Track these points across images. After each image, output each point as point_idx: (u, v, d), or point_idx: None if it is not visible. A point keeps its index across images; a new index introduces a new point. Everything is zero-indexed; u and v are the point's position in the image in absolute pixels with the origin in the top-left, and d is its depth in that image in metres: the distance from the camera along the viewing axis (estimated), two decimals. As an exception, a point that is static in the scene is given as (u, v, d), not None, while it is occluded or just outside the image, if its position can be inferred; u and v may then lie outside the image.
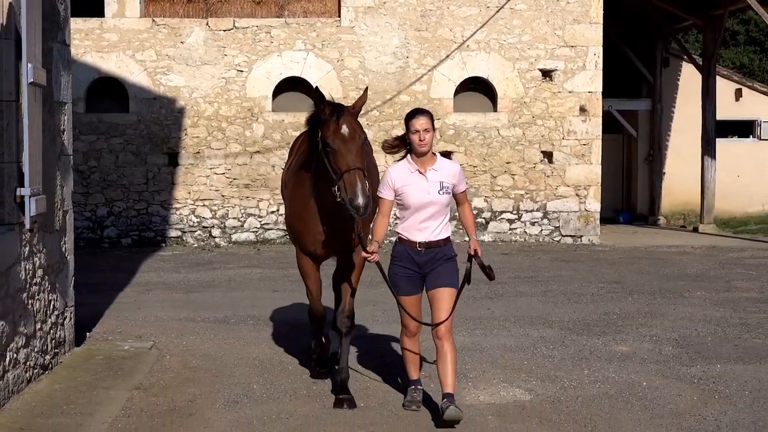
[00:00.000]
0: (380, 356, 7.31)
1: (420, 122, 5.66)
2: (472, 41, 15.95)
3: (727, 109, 24.08)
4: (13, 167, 6.06)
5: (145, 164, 15.90)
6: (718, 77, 23.73)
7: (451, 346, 5.62)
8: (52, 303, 6.93)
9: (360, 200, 5.48)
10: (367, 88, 6.39)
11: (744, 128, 24.32)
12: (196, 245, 15.86)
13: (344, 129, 5.69)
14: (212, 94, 15.90)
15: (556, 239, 16.20)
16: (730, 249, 15.45)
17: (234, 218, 16.02)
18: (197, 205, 16.02)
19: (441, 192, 5.66)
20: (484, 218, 16.11)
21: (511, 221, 16.14)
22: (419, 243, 5.69)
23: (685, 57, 22.73)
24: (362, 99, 6.09)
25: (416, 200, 5.66)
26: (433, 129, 5.78)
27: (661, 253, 14.63)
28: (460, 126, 16.08)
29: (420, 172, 5.68)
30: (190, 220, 16.01)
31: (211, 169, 15.99)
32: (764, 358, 7.27)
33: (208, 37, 15.85)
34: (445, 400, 5.46)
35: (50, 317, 6.88)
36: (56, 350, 7.03)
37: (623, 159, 24.88)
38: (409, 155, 5.76)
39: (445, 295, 5.67)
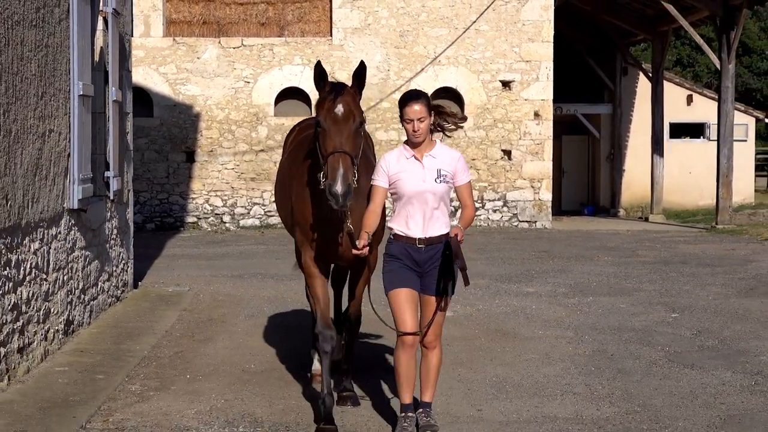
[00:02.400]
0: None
1: (414, 109, 5.09)
2: (443, 57, 18.86)
3: (680, 112, 26.96)
4: (102, 157, 8.98)
5: (167, 161, 18.81)
6: (672, 84, 26.73)
7: (438, 352, 5.23)
8: (120, 254, 9.85)
9: (338, 187, 4.88)
10: (362, 62, 5.43)
11: (695, 130, 27.05)
12: (209, 229, 18.77)
13: (339, 108, 5.11)
14: (223, 102, 18.82)
15: (514, 224, 19.10)
16: (658, 232, 18.39)
17: (242, 206, 18.92)
18: (210, 196, 18.92)
19: (438, 180, 5.10)
20: (453, 206, 18.98)
21: (476, 209, 19.05)
22: (419, 239, 5.11)
23: (642, 66, 25.63)
24: (358, 75, 5.30)
25: (411, 189, 5.10)
26: (430, 114, 5.18)
27: (596, 234, 17.58)
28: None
29: (416, 158, 5.15)
30: (205, 208, 18.92)
31: (222, 165, 18.88)
32: (626, 293, 10.20)
33: (220, 54, 18.77)
34: (421, 411, 5.18)
35: (120, 264, 9.80)
36: (123, 288, 9.95)
37: (588, 158, 27.80)
38: (404, 142, 5.28)
39: (439, 303, 5.18)
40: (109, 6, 8.96)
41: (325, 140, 5.10)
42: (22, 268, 6.50)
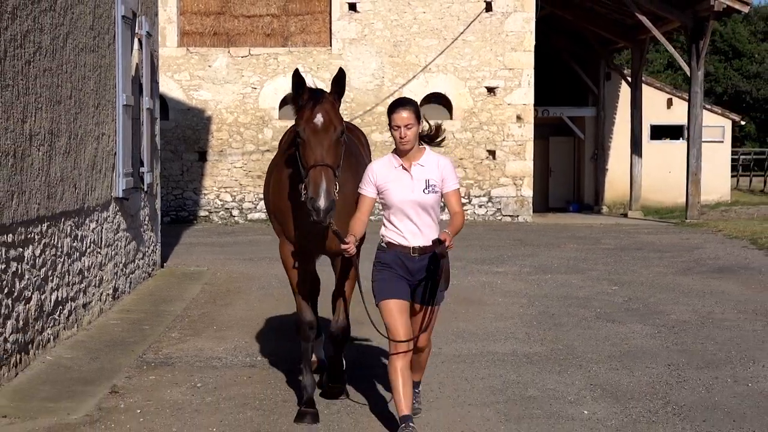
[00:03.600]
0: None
1: (402, 116, 5.05)
2: (433, 65, 20.63)
3: (660, 115, 28.68)
4: (138, 156, 10.76)
5: (181, 160, 20.58)
6: (653, 88, 28.49)
7: (427, 352, 5.40)
8: (151, 238, 11.63)
9: (321, 202, 4.83)
10: (340, 68, 5.33)
11: (675, 131, 28.69)
12: (220, 222, 20.54)
13: (318, 118, 5.06)
14: (232, 106, 20.59)
15: (498, 218, 20.86)
16: (629, 225, 20.15)
17: (249, 202, 20.68)
18: (220, 192, 20.70)
19: (426, 191, 5.07)
20: (442, 202, 20.75)
21: (463, 204, 20.69)
22: (413, 248, 5.07)
23: (622, 72, 27.35)
24: (338, 81, 5.24)
25: (399, 199, 5.07)
26: (419, 122, 5.12)
27: (571, 227, 19.34)
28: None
29: (404, 168, 5.12)
30: (215, 203, 20.69)
31: (231, 163, 20.65)
32: (580, 272, 11.96)
33: (230, 62, 20.54)
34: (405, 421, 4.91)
35: (150, 246, 11.57)
36: (153, 266, 11.73)
37: (574, 158, 29.55)
38: (393, 150, 5.24)
39: (430, 313, 5.19)
40: (143, 29, 10.75)
41: (306, 152, 5.03)
42: (84, 243, 8.29)
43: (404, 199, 5.09)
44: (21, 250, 6.60)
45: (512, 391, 6.20)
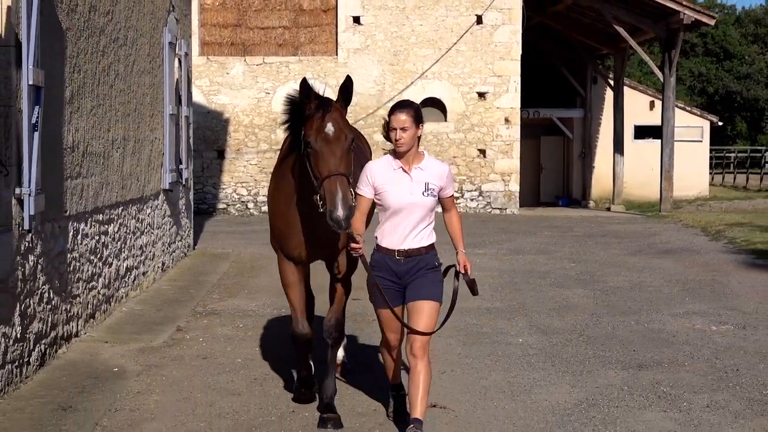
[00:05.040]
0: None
1: (400, 119, 5.09)
2: (429, 72, 22.84)
3: (643, 116, 30.79)
4: (178, 155, 12.99)
5: (201, 158, 22.83)
6: (636, 91, 30.66)
7: (425, 366, 5.10)
8: (186, 223, 13.86)
9: (340, 212, 4.84)
10: (348, 76, 5.38)
11: (657, 131, 30.69)
12: (237, 214, 22.78)
13: (329, 128, 5.05)
14: (248, 109, 22.83)
15: (488, 211, 23.07)
16: (605, 217, 22.35)
17: (263, 195, 22.92)
18: (237, 186, 22.95)
19: (425, 194, 5.09)
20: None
21: (456, 198, 23.00)
22: (398, 251, 5.12)
23: (608, 77, 29.46)
24: (345, 89, 5.26)
25: (397, 201, 5.09)
26: (417, 126, 5.13)
27: (552, 218, 21.55)
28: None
29: (403, 170, 5.13)
30: (233, 196, 22.94)
31: (247, 161, 22.91)
32: (547, 253, 14.15)
33: (246, 70, 22.79)
34: (412, 427, 4.99)
35: (186, 231, 13.81)
36: (188, 249, 13.97)
37: (563, 156, 31.71)
38: (391, 151, 5.26)
39: (425, 309, 5.12)
40: (182, 50, 12.98)
41: (319, 162, 5.00)
42: (143, 224, 10.54)
43: (402, 201, 5.08)
44: (106, 227, 8.85)
45: (471, 329, 8.43)
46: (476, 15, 22.71)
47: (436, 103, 22.96)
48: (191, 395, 6.21)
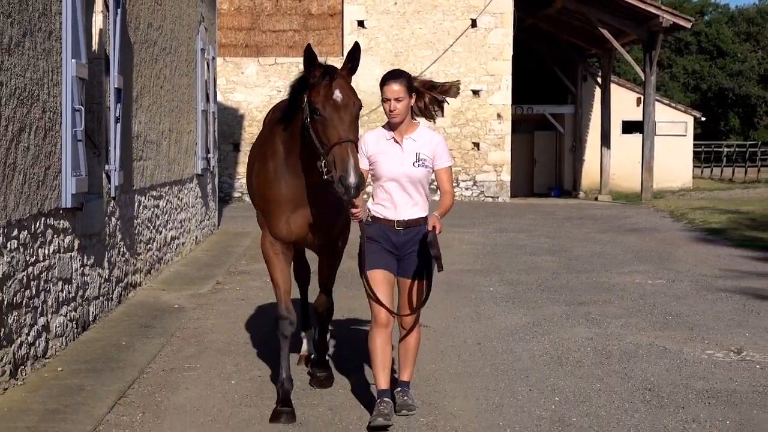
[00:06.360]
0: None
1: (393, 89, 5.05)
2: (427, 72, 24.82)
3: (631, 112, 32.65)
4: (206, 145, 15.03)
5: (219, 150, 24.82)
6: (624, 88, 32.59)
7: (416, 333, 5.26)
8: (212, 205, 15.91)
9: (351, 179, 4.71)
10: (356, 42, 5.33)
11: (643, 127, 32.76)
12: (250, 202, 24.82)
13: (337, 94, 4.93)
14: (261, 106, 24.87)
15: (481, 199, 25.09)
16: (589, 204, 24.38)
17: (275, 185, 24.99)
18: (251, 177, 25.00)
19: (416, 164, 5.11)
20: (434, 186, 25.05)
21: (454, 194, 24.99)
22: (397, 222, 5.13)
23: (597, 75, 31.39)
24: (352, 56, 5.13)
25: (388, 171, 5.11)
26: (411, 95, 5.11)
27: (539, 205, 23.57)
28: (420, 126, 25.04)
29: (395, 140, 5.13)
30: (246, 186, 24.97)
31: (260, 153, 24.93)
32: (527, 231, 16.17)
33: (259, 69, 24.83)
34: (399, 390, 5.17)
35: (211, 212, 15.86)
36: (213, 228, 16.01)
37: (555, 150, 33.69)
38: (386, 122, 5.22)
39: (415, 285, 5.21)
40: (210, 55, 15.02)
41: (327, 129, 4.88)
42: (182, 201, 12.59)
43: (393, 171, 5.09)
44: (158, 201, 10.89)
45: (452, 283, 10.45)
46: (471, 19, 24.72)
47: (433, 100, 24.93)
48: (237, 320, 8.26)
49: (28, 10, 6.09)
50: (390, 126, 5.18)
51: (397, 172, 5.13)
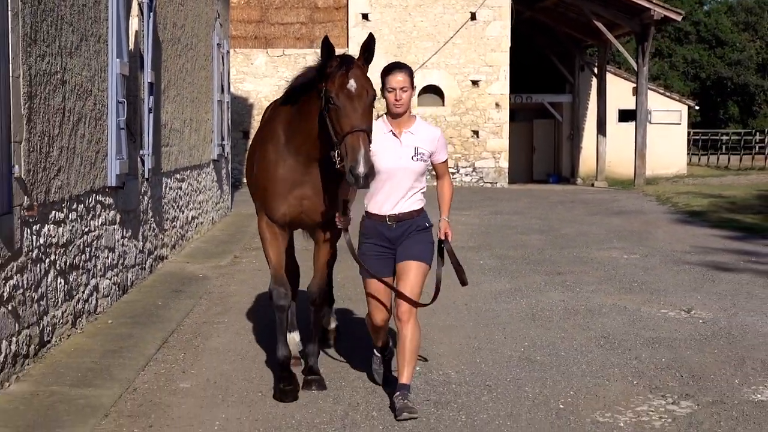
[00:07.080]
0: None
1: (397, 79, 5.11)
2: (429, 63, 25.95)
3: (627, 101, 33.53)
4: (221, 133, 16.16)
5: (230, 138, 26.00)
6: (620, 78, 33.60)
7: (412, 329, 5.15)
8: (226, 189, 17.05)
9: (361, 168, 4.79)
10: (370, 34, 5.32)
11: (640, 115, 33.77)
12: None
13: (351, 84, 4.99)
14: (270, 95, 25.96)
15: (480, 185, 26.21)
16: (583, 190, 25.48)
17: (283, 171, 26.14)
18: (260, 163, 26.13)
19: (415, 158, 5.12)
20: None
21: (452, 173, 26.11)
22: (389, 216, 5.16)
23: (594, 66, 32.38)
24: (367, 47, 5.14)
25: (386, 165, 5.11)
26: (412, 87, 5.18)
27: (535, 190, 24.69)
28: (421, 115, 26.11)
29: (394, 134, 5.14)
30: (256, 172, 26.11)
31: (268, 141, 26.06)
32: (521, 213, 17.29)
33: (267, 61, 25.93)
34: (398, 394, 5.09)
35: (225, 195, 17.00)
36: (227, 210, 17.16)
37: (554, 137, 34.77)
38: (385, 114, 5.23)
39: (412, 269, 5.17)
40: (224, 49, 16.14)
41: (341, 118, 4.95)
42: (201, 184, 13.74)
43: (391, 166, 5.11)
44: (181, 183, 12.04)
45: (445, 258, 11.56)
46: (470, 12, 25.79)
47: (434, 90, 26.09)
48: (255, 286, 9.42)
49: (84, 18, 7.24)
50: (391, 117, 5.21)
51: (396, 166, 5.15)
